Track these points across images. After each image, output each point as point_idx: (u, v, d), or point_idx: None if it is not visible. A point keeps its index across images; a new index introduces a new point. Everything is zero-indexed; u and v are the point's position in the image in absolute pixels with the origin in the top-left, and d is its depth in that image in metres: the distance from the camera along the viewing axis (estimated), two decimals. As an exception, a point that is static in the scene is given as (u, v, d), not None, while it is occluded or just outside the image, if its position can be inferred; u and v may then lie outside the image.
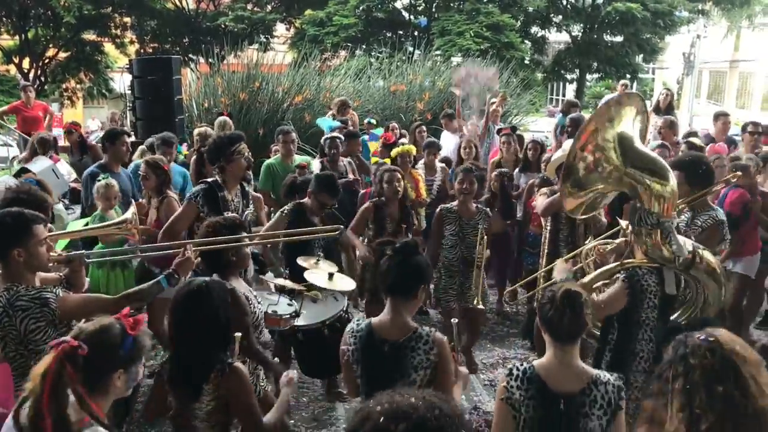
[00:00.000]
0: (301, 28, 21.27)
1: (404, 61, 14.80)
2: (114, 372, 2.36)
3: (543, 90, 27.62)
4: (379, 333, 3.01)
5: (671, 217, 3.74)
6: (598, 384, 2.75)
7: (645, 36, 21.98)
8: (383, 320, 3.05)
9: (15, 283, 3.12)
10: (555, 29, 23.59)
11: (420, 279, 3.06)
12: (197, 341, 2.87)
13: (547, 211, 5.47)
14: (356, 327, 3.08)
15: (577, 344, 2.81)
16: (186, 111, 10.83)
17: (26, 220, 3.18)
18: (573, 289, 2.81)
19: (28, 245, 3.14)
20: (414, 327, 3.01)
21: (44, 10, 20.95)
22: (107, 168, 6.05)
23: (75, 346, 2.25)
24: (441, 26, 19.85)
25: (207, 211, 4.67)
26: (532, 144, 7.31)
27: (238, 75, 12.78)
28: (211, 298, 2.91)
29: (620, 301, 3.66)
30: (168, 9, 22.11)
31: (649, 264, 3.70)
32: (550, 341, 2.82)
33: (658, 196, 3.66)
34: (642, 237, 3.68)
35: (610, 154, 3.75)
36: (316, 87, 12.87)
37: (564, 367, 2.79)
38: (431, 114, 12.25)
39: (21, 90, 12.18)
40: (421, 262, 3.08)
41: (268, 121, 11.76)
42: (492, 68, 12.33)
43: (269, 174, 6.84)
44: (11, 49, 21.96)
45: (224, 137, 5.07)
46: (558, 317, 2.74)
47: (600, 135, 3.76)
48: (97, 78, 23.09)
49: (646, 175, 3.70)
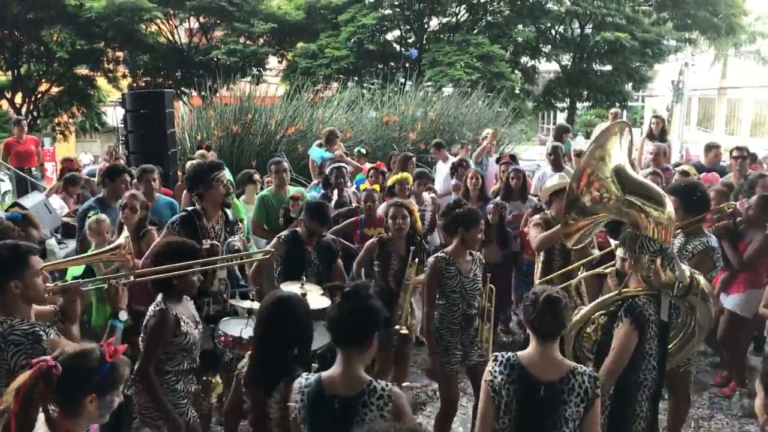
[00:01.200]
0: (293, 60, 21.41)
1: (396, 92, 14.90)
2: (86, 396, 2.39)
3: (534, 119, 27.85)
4: (329, 388, 2.76)
5: (670, 242, 3.75)
6: (575, 374, 3.02)
7: (634, 65, 22.21)
8: (334, 374, 2.80)
9: (10, 315, 3.09)
10: (545, 59, 23.83)
11: (374, 326, 2.81)
12: (278, 345, 3.06)
13: (542, 247, 5.42)
14: (305, 382, 2.82)
15: (557, 340, 3.08)
16: (179, 144, 10.84)
17: (22, 251, 3.17)
18: (554, 293, 3.06)
19: (25, 277, 3.12)
20: (368, 380, 2.77)
21: (37, 45, 21.03)
22: (104, 203, 5.98)
23: (51, 366, 2.30)
24: (432, 57, 20.03)
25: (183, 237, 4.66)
26: (514, 173, 7.30)
27: (230, 108, 12.85)
28: (297, 309, 3.14)
29: (633, 342, 3.60)
30: (160, 43, 22.24)
31: (646, 292, 3.68)
32: (532, 337, 3.11)
33: (657, 222, 3.66)
34: (643, 264, 3.65)
35: (611, 187, 3.78)
36: (309, 118, 12.94)
37: (545, 358, 3.06)
38: (424, 144, 12.30)
39: (13, 124, 12.20)
40: (373, 308, 2.81)
41: (261, 152, 11.79)
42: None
43: (263, 205, 6.82)
44: (4, 84, 22.01)
45: (202, 164, 5.09)
46: (540, 318, 3.02)
47: (597, 173, 3.80)
48: (89, 112, 23.12)
49: (644, 202, 3.72)
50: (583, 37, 22.19)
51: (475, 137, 10.60)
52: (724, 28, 22.17)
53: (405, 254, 5.32)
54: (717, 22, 21.82)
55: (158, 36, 22.27)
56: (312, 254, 5.19)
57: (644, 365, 3.66)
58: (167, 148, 9.19)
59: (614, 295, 3.81)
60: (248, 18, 21.10)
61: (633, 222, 3.76)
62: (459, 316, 4.72)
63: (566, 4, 21.71)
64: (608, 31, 20.46)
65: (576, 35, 22.74)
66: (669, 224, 3.71)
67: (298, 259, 5.12)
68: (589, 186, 3.82)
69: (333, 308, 2.84)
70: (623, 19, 21.04)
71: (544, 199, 5.78)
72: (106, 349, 2.46)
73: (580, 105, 25.38)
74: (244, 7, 21.08)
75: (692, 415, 5.50)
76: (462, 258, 4.74)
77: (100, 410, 2.44)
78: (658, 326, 3.66)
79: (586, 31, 22.17)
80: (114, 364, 2.45)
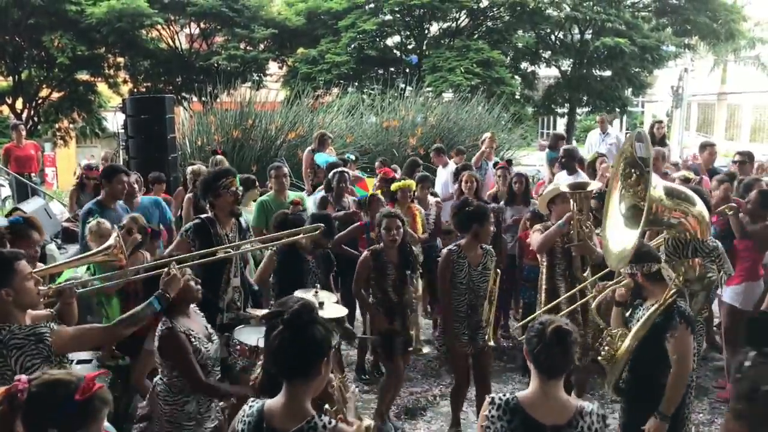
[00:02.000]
0: (294, 66, 21.44)
1: (396, 98, 14.94)
2: (47, 430, 2.25)
3: (534, 124, 27.86)
4: (270, 421, 2.47)
5: (710, 239, 3.86)
6: (583, 415, 2.72)
7: (633, 70, 22.24)
8: (276, 405, 2.50)
9: (6, 324, 3.06)
10: (544, 64, 23.85)
11: (321, 354, 2.47)
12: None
13: (543, 247, 5.45)
14: (248, 410, 2.56)
15: (562, 379, 2.78)
16: (179, 149, 10.86)
17: (6, 258, 3.14)
18: (563, 326, 2.74)
19: (14, 283, 3.09)
20: (310, 415, 2.44)
21: (38, 51, 21.05)
22: (103, 205, 5.97)
23: (18, 389, 2.22)
24: (432, 63, 20.05)
25: (198, 246, 4.65)
26: (517, 177, 7.34)
27: (231, 113, 12.89)
28: (313, 317, 2.86)
29: (692, 344, 3.62)
30: (161, 49, 22.26)
31: (675, 294, 3.70)
32: (535, 374, 2.78)
33: (699, 220, 3.73)
34: (688, 267, 3.70)
35: (666, 202, 3.81)
36: (309, 124, 12.98)
37: (549, 399, 2.74)
38: (424, 149, 12.33)
39: (11, 129, 12.21)
40: (317, 334, 2.46)
41: (262, 158, 11.83)
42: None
43: (263, 210, 6.82)
44: (5, 90, 22.03)
45: (212, 173, 5.08)
46: (547, 353, 2.70)
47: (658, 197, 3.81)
48: (90, 117, 23.12)
49: (685, 203, 3.77)
50: (582, 43, 22.22)
51: (474, 142, 10.60)
52: (724, 34, 22.19)
53: (399, 262, 5.34)
54: (716, 28, 21.84)
55: (159, 42, 22.30)
56: (311, 263, 5.19)
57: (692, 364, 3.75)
58: (168, 154, 9.21)
59: (656, 310, 3.74)
60: (249, 24, 21.13)
61: (682, 229, 3.78)
62: (465, 306, 5.13)
63: (566, 10, 21.73)
64: (608, 37, 20.47)
65: (576, 41, 22.77)
66: (704, 221, 3.77)
67: (297, 267, 5.12)
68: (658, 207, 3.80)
69: (274, 337, 2.49)
70: (623, 25, 21.06)
71: (543, 207, 5.78)
72: (83, 384, 2.28)
73: (580, 110, 25.37)
74: (245, 12, 21.11)
75: (693, 420, 5.49)
76: (473, 252, 5.14)
77: None
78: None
79: (586, 37, 22.19)
80: (85, 401, 2.27)
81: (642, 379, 3.80)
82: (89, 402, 2.28)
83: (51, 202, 10.79)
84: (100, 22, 19.29)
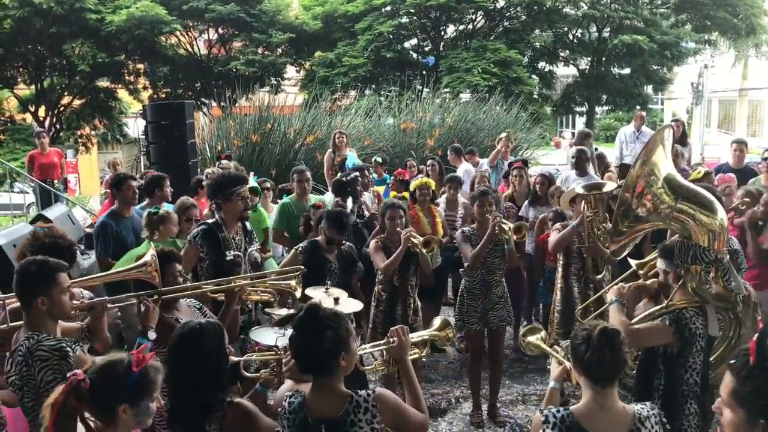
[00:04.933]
0: (311, 69, 21.55)
1: (413, 99, 14.93)
2: (118, 406, 2.40)
3: (553, 123, 27.72)
4: (314, 412, 2.62)
5: (724, 252, 3.63)
6: (644, 421, 2.57)
7: (653, 67, 22.08)
8: (315, 396, 2.66)
9: (37, 331, 3.11)
10: (562, 63, 23.74)
11: (335, 352, 2.62)
12: (191, 383, 2.84)
13: (558, 246, 5.50)
14: (288, 407, 2.67)
15: (616, 385, 2.62)
16: (199, 154, 10.95)
17: (51, 268, 3.19)
18: (609, 327, 2.62)
19: (52, 294, 3.14)
20: (348, 395, 2.62)
21: (59, 59, 21.35)
22: (117, 214, 5.96)
23: (80, 379, 2.34)
24: (449, 64, 20.05)
25: (206, 250, 4.71)
26: (540, 178, 7.27)
27: (249, 117, 12.95)
28: (203, 339, 2.89)
29: (661, 338, 3.52)
30: (180, 55, 22.47)
31: (693, 305, 3.57)
32: (587, 384, 2.62)
33: (709, 230, 3.55)
34: (696, 275, 3.53)
35: (663, 197, 3.70)
36: (327, 127, 13.00)
37: (606, 411, 2.57)
38: (441, 150, 12.32)
39: (35, 137, 12.38)
40: (327, 336, 2.60)
41: (281, 161, 11.88)
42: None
43: (284, 213, 6.86)
44: (28, 98, 22.36)
45: (228, 175, 5.05)
46: (597, 358, 2.54)
47: (650, 182, 3.73)
48: (111, 124, 23.39)
49: (697, 209, 3.61)
50: (600, 41, 22.09)
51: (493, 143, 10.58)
52: (744, 29, 21.94)
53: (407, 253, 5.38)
54: (737, 23, 21.61)
55: (178, 48, 22.52)
56: (333, 263, 5.20)
57: (688, 378, 3.61)
58: (188, 159, 9.27)
59: (661, 308, 3.69)
60: (266, 28, 21.28)
61: (684, 231, 3.66)
62: (479, 282, 5.44)
63: (583, 8, 21.64)
64: (626, 34, 20.35)
65: (593, 39, 22.64)
66: (722, 232, 3.58)
67: (318, 268, 5.14)
68: (641, 195, 3.72)
69: (292, 339, 2.71)
70: (641, 22, 20.93)
71: (565, 206, 5.83)
72: (134, 358, 2.46)
73: (599, 109, 25.23)
74: (262, 17, 21.26)
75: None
76: (485, 230, 5.34)
77: (137, 417, 2.45)
78: (706, 341, 3.58)
79: (604, 35, 22.06)
80: (142, 371, 2.44)
81: (638, 381, 3.77)
82: (146, 371, 2.46)
83: (74, 208, 10.93)
84: (120, 30, 19.53)
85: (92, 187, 24.77)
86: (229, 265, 4.73)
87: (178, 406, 2.89)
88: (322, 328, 2.62)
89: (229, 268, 4.73)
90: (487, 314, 5.48)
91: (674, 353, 3.58)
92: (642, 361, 3.75)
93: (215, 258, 4.74)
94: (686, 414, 3.61)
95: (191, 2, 20.53)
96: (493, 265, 5.43)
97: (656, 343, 3.58)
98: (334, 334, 2.62)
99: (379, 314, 5.37)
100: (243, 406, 2.89)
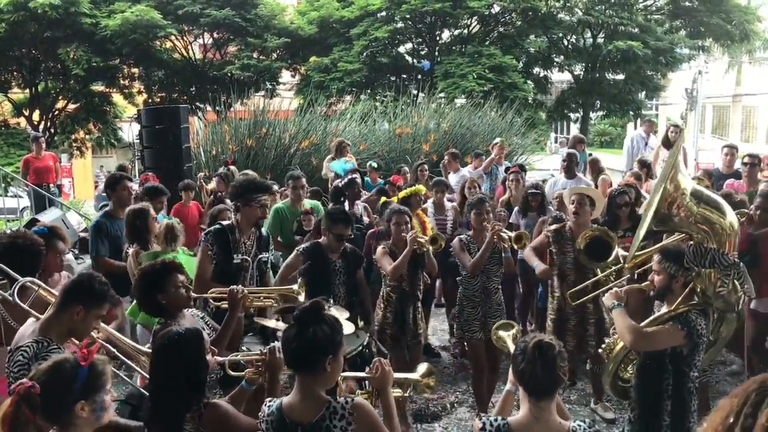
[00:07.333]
0: (307, 74, 21.56)
1: (409, 104, 14.94)
2: (74, 404, 2.40)
3: (547, 129, 27.80)
4: (290, 415, 2.65)
5: (734, 254, 3.65)
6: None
7: (647, 73, 22.14)
8: (293, 400, 2.68)
9: (48, 337, 3.11)
10: (557, 69, 23.81)
11: (324, 351, 2.63)
12: (170, 386, 2.87)
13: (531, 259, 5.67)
14: (267, 411, 2.71)
15: (553, 399, 2.62)
16: (194, 158, 10.94)
17: (104, 290, 3.25)
18: (545, 340, 2.60)
19: (89, 315, 3.19)
20: (327, 400, 2.64)
21: (54, 63, 21.34)
22: (112, 215, 5.97)
23: (28, 387, 2.31)
24: (444, 69, 20.08)
25: (216, 250, 4.73)
26: (532, 196, 7.03)
27: (245, 122, 12.94)
28: (183, 347, 2.91)
29: (673, 341, 3.56)
30: (175, 59, 22.47)
31: (695, 308, 3.61)
32: (524, 396, 2.63)
33: (724, 233, 3.57)
34: (708, 279, 3.54)
35: (691, 206, 3.71)
36: (323, 131, 13.00)
37: (541, 423, 2.58)
38: (437, 155, 12.33)
39: (31, 141, 12.35)
40: (322, 332, 2.64)
41: (275, 166, 11.87)
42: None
43: (278, 218, 6.85)
44: (22, 102, 22.33)
45: (254, 181, 5.10)
46: (530, 371, 2.55)
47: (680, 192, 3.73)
48: (105, 128, 23.38)
49: (714, 212, 3.63)
50: (595, 47, 22.16)
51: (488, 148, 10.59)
52: (738, 35, 22.05)
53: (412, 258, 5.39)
54: (730, 29, 21.71)
55: (173, 52, 22.52)
56: (338, 263, 5.19)
57: (692, 375, 3.67)
58: (183, 163, 9.28)
59: (667, 313, 3.71)
60: (261, 33, 21.30)
61: (703, 235, 3.66)
62: (479, 290, 5.40)
63: (578, 14, 21.72)
64: (621, 40, 20.41)
65: (588, 45, 22.71)
66: (732, 234, 3.60)
67: (324, 270, 5.13)
68: (677, 206, 3.71)
69: (285, 332, 2.77)
70: (636, 28, 21.01)
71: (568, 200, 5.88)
72: (79, 354, 2.47)
73: (593, 114, 25.29)
74: (258, 22, 21.27)
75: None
76: (480, 238, 5.39)
77: (95, 413, 2.45)
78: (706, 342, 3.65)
79: (599, 41, 22.14)
80: (91, 366, 2.45)
81: (642, 385, 3.77)
82: (95, 365, 2.47)
83: (68, 212, 10.90)
84: (115, 34, 19.53)
85: (86, 192, 24.73)
86: (235, 268, 4.75)
87: (156, 408, 2.92)
88: (321, 323, 2.67)
89: (235, 272, 4.76)
90: (487, 321, 5.38)
91: (684, 354, 3.62)
92: (647, 364, 3.74)
93: (222, 259, 4.75)
94: (692, 411, 3.67)
95: (186, 7, 20.54)
96: (491, 272, 5.42)
97: (667, 346, 3.61)
98: (330, 333, 2.66)
99: (389, 314, 5.37)
100: (219, 407, 2.91)
